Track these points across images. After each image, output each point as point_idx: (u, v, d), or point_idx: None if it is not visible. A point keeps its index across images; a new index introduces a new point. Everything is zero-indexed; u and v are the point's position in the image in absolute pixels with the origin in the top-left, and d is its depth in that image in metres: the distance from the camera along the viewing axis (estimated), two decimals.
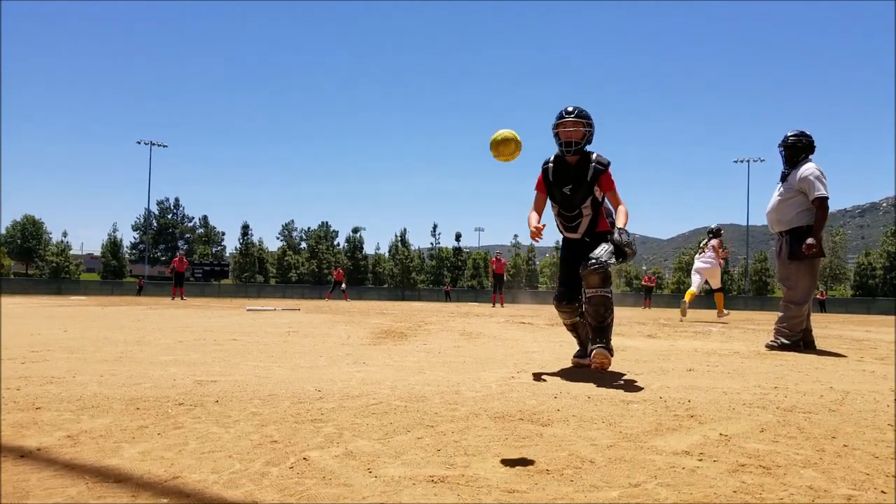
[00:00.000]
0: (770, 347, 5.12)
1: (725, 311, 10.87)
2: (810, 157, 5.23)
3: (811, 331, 5.24)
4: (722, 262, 10.87)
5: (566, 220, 3.54)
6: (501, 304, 20.43)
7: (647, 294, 32.62)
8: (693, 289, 10.71)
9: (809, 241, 4.96)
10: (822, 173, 5.08)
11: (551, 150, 3.59)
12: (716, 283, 10.94)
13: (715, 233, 10.84)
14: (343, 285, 29.21)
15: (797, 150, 5.26)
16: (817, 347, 5.22)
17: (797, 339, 5.06)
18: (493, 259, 21.87)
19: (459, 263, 63.20)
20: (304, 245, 68.34)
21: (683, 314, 10.54)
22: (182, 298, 20.32)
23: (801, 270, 5.10)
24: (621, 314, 13.73)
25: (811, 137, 5.28)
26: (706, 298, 27.63)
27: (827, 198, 5.03)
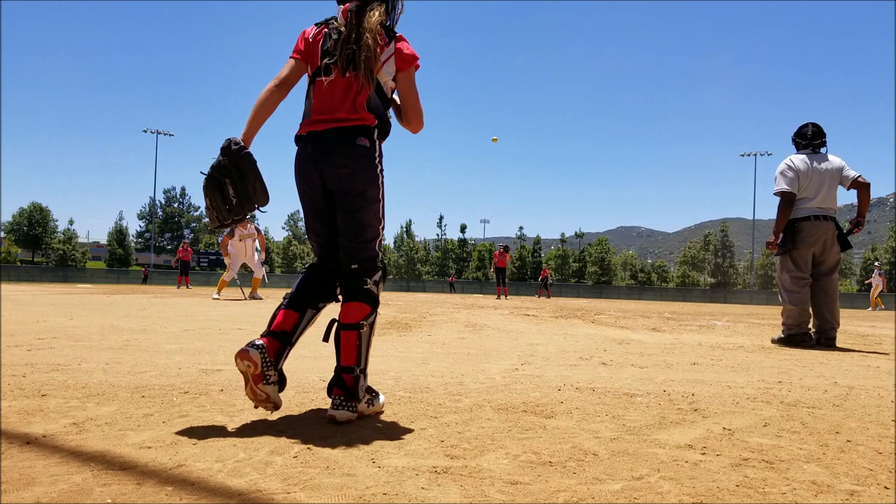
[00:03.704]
0: (774, 341, 5.12)
1: None
2: (803, 148, 5.29)
3: (832, 328, 5.09)
4: None
5: None
6: (505, 297, 20.42)
7: (544, 284, 34.65)
8: None
9: (769, 238, 5.26)
10: (787, 166, 5.15)
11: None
12: None
13: None
14: None
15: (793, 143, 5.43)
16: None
17: (796, 333, 5.00)
18: (497, 252, 21.87)
19: (465, 255, 63.19)
20: None
21: None
22: (188, 287, 20.41)
23: (778, 266, 5.31)
24: (621, 307, 13.68)
25: (800, 129, 5.34)
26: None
27: (782, 192, 5.11)
